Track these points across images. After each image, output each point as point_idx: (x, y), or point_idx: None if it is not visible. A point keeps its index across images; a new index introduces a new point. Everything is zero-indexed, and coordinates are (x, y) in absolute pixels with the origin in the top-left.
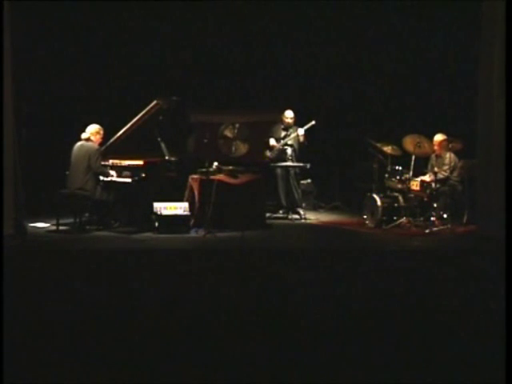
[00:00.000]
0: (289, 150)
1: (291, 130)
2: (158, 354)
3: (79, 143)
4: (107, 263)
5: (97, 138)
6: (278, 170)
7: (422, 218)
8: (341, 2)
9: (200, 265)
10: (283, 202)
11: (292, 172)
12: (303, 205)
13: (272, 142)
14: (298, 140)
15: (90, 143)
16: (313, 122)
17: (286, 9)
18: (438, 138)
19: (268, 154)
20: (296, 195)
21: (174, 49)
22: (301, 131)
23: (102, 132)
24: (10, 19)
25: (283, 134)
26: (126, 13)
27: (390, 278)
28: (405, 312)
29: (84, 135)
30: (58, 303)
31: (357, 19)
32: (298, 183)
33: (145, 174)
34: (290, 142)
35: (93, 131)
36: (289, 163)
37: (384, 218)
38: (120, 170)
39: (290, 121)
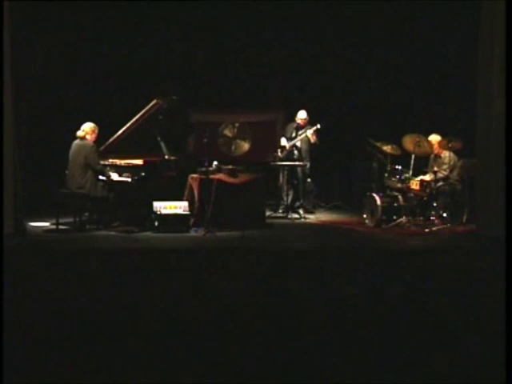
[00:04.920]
0: (296, 151)
1: (302, 131)
2: (157, 353)
3: (75, 142)
4: (107, 263)
5: (92, 137)
6: (284, 170)
7: (421, 218)
8: (342, 3)
9: (200, 264)
10: (285, 201)
11: (299, 171)
12: (303, 204)
13: (283, 141)
14: (308, 141)
15: (85, 141)
16: (318, 126)
17: (286, 8)
18: (435, 138)
19: (279, 153)
20: (299, 195)
21: (174, 48)
22: (309, 132)
23: (96, 131)
24: (10, 19)
25: (294, 134)
26: (126, 12)
27: (390, 277)
28: (404, 311)
29: (79, 133)
30: (57, 303)
31: (357, 20)
32: (304, 183)
33: (144, 173)
34: (298, 144)
35: (88, 129)
36: (289, 162)
37: (384, 217)
38: (120, 170)
39: (300, 122)
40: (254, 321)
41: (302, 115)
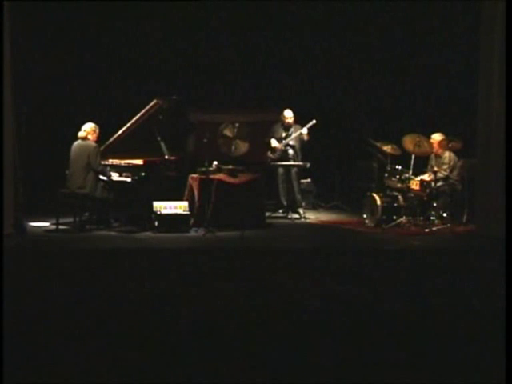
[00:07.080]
0: (290, 150)
1: (292, 130)
2: (157, 353)
3: (77, 142)
4: (107, 263)
5: (93, 137)
6: (279, 170)
7: (421, 218)
8: (341, 2)
9: (200, 264)
10: (284, 201)
11: (293, 171)
12: (303, 204)
13: (274, 143)
14: (301, 139)
15: (87, 142)
16: (313, 121)
17: (286, 8)
18: (437, 137)
19: (270, 154)
20: (296, 195)
21: (174, 48)
22: (304, 130)
23: (97, 131)
24: (10, 19)
25: (284, 134)
26: (126, 12)
27: (390, 277)
28: (404, 311)
29: (81, 134)
30: (57, 303)
31: (356, 19)
32: (299, 183)
33: (144, 173)
34: (291, 143)
35: (89, 130)
36: (289, 162)
37: (384, 217)
38: (120, 170)
39: (289, 120)
40: (253, 321)
41: (289, 114)
